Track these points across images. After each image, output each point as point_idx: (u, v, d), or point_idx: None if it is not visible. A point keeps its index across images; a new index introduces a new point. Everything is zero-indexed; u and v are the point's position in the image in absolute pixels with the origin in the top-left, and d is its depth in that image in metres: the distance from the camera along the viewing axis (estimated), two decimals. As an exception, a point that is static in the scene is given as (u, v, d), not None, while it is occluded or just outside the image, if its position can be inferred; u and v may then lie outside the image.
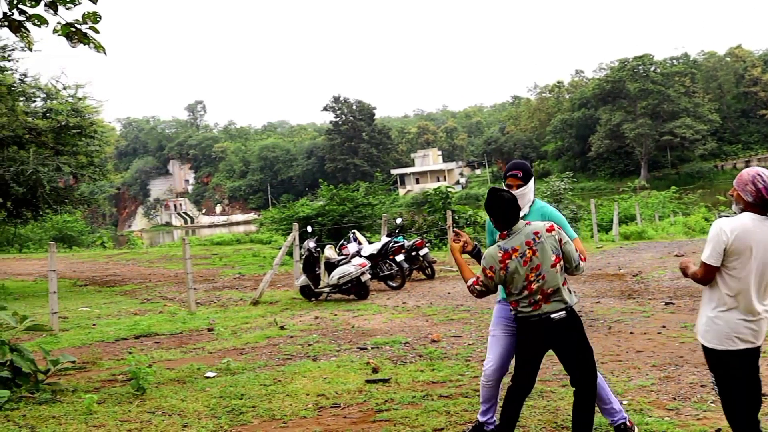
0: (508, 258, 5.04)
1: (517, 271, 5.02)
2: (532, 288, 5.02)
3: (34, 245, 46.02)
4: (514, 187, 5.57)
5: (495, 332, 5.74)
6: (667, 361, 7.81)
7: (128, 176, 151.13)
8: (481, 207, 70.22)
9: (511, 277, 5.04)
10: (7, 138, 20.63)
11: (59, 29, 8.47)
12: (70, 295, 18.99)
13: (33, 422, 6.63)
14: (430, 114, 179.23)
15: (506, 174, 5.68)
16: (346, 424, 6.31)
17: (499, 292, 5.73)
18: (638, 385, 6.94)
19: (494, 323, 5.77)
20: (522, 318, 5.15)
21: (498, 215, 5.11)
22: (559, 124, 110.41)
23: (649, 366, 7.67)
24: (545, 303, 5.04)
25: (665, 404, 6.29)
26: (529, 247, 5.04)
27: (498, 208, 5.10)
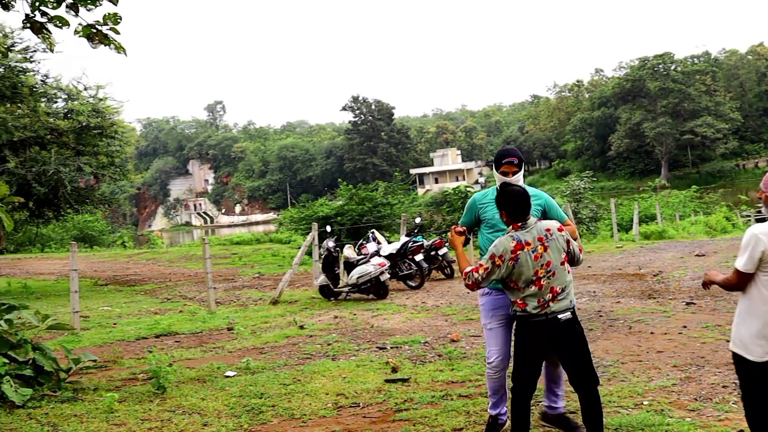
0: (520, 249, 5.04)
1: (527, 264, 5.02)
2: (541, 284, 5.03)
3: (55, 245, 46.33)
4: (509, 174, 5.58)
5: (491, 325, 5.70)
6: (688, 362, 7.75)
7: (148, 176, 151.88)
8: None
9: (519, 270, 5.03)
10: (30, 138, 20.78)
11: (80, 30, 8.52)
12: (91, 295, 19.10)
13: (55, 420, 6.68)
14: (449, 113, 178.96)
15: (501, 161, 5.64)
16: (366, 424, 6.32)
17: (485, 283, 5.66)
18: (659, 385, 6.90)
19: (487, 316, 5.73)
20: (526, 317, 5.11)
21: (511, 209, 5.13)
22: (579, 123, 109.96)
23: (670, 366, 7.61)
24: (553, 302, 5.05)
25: (686, 405, 6.25)
26: (541, 243, 5.07)
27: (512, 203, 5.13)
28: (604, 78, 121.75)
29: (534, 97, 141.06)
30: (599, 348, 8.71)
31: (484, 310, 5.79)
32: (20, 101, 20.62)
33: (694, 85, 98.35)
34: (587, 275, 16.51)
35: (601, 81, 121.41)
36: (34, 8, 8.46)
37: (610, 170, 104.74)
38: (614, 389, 6.82)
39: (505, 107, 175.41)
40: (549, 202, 5.89)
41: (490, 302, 5.74)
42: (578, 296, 13.37)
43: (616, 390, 6.79)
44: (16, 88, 19.98)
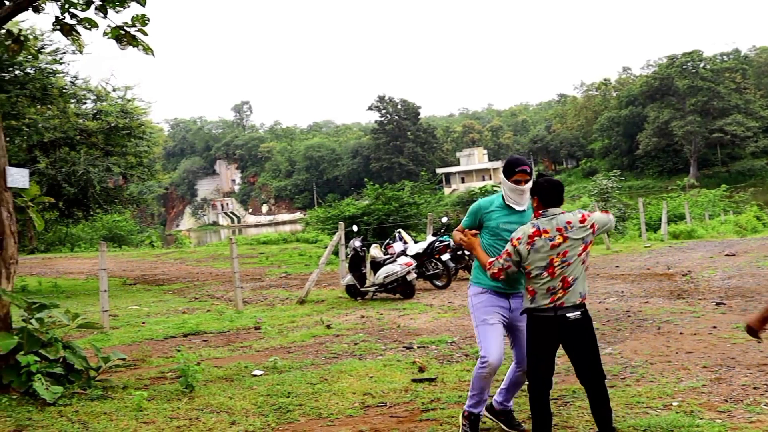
0: (538, 235, 5.10)
1: (542, 251, 5.07)
2: (554, 272, 5.06)
3: (85, 244, 46.73)
4: (522, 183, 5.57)
5: (491, 320, 5.62)
6: (719, 363, 7.67)
7: (176, 176, 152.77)
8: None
9: (534, 254, 5.08)
10: (59, 139, 21.00)
11: (109, 32, 8.61)
12: (120, 294, 19.25)
13: (85, 418, 6.74)
14: (475, 113, 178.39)
15: (515, 169, 5.60)
16: (393, 423, 6.32)
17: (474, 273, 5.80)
18: (688, 386, 6.84)
19: (484, 312, 5.65)
20: (534, 314, 5.17)
21: (546, 195, 5.20)
22: (606, 122, 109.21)
23: (700, 367, 7.54)
24: (563, 293, 5.06)
25: (716, 406, 6.18)
26: (560, 234, 5.10)
27: (548, 189, 5.20)
28: (632, 76, 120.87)
29: (561, 96, 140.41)
30: (627, 348, 8.66)
31: (481, 306, 5.68)
32: (50, 102, 20.84)
33: (723, 82, 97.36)
34: (615, 275, 16.42)
35: (629, 79, 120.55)
36: (64, 10, 8.55)
37: (638, 169, 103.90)
38: (643, 390, 6.78)
39: (531, 106, 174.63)
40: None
41: (488, 299, 5.68)
42: (606, 296, 13.30)
43: (645, 390, 6.74)
44: (46, 89, 20.19)
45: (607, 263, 19.21)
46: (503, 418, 5.97)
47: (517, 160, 5.69)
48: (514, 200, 5.63)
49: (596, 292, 13.93)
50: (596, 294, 13.61)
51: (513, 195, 5.61)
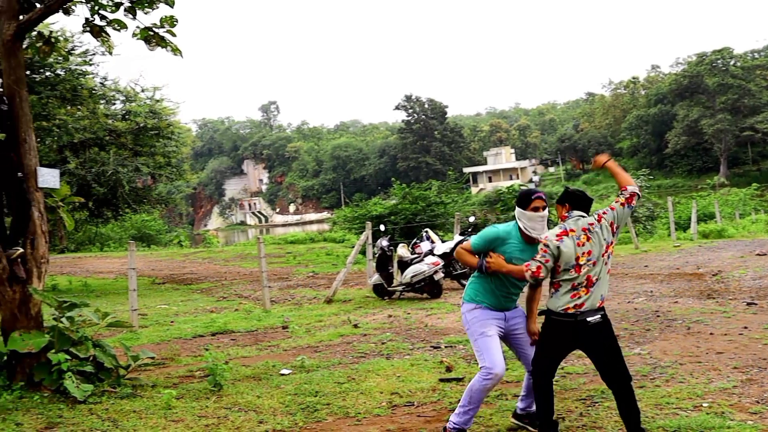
0: (565, 234, 5.24)
1: (570, 248, 5.18)
2: (581, 270, 5.17)
3: (114, 244, 47.09)
4: (541, 209, 5.61)
5: (489, 332, 5.63)
6: (750, 363, 7.59)
7: (204, 176, 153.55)
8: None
9: (564, 250, 5.18)
10: (89, 140, 21.20)
11: (138, 33, 8.67)
12: (148, 293, 19.38)
13: (115, 416, 6.79)
14: (502, 112, 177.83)
15: (531, 197, 5.65)
16: (420, 423, 6.31)
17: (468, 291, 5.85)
18: (719, 387, 6.77)
19: (481, 325, 5.66)
20: (553, 317, 5.25)
21: (577, 202, 5.38)
22: (635, 120, 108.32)
23: (731, 368, 7.47)
24: (586, 293, 5.15)
25: (748, 408, 6.12)
26: (585, 233, 5.23)
27: (578, 197, 5.41)
28: (661, 74, 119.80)
29: (589, 95, 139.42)
30: (657, 348, 8.59)
31: (476, 320, 5.70)
32: (80, 103, 21.04)
33: (754, 80, 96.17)
34: (644, 275, 16.29)
35: (658, 77, 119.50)
36: (94, 12, 8.63)
37: (667, 168, 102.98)
38: (673, 390, 6.72)
39: (559, 105, 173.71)
40: None
41: (482, 313, 5.72)
42: (635, 295, 13.20)
43: (675, 391, 6.69)
44: (76, 90, 20.39)
45: (635, 263, 19.08)
46: (528, 420, 5.95)
47: (529, 190, 5.78)
48: (533, 228, 5.62)
49: (625, 291, 13.83)
50: (625, 294, 13.51)
51: (532, 224, 5.61)
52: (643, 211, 33.21)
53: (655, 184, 69.87)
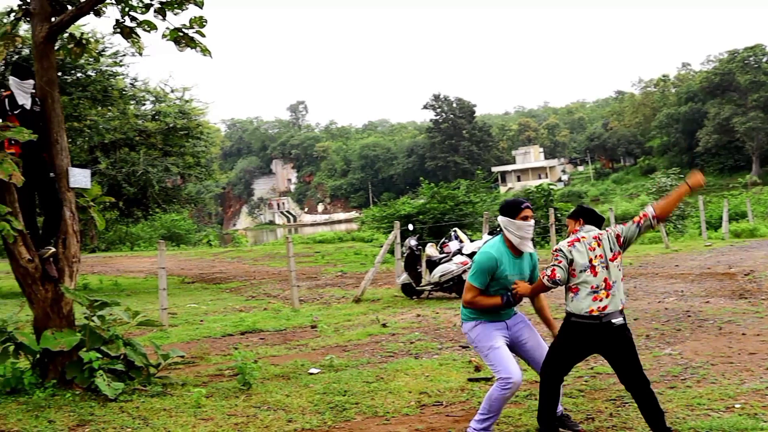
0: (577, 241, 5.36)
1: (582, 252, 5.30)
2: (596, 272, 5.24)
3: (144, 243, 47.45)
4: (529, 218, 5.66)
5: (497, 343, 5.62)
6: (783, 364, 7.51)
7: (233, 176, 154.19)
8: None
9: (577, 254, 5.28)
10: (119, 140, 21.38)
11: (167, 34, 8.73)
12: (178, 292, 19.50)
13: (145, 414, 6.84)
14: (531, 110, 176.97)
15: (521, 207, 5.68)
16: (449, 423, 6.30)
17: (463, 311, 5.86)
18: (751, 388, 6.69)
19: (488, 339, 5.65)
20: (574, 320, 5.28)
21: (592, 217, 5.52)
22: (665, 119, 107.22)
23: (763, 369, 7.38)
24: (607, 296, 5.21)
25: (781, 408, 6.05)
26: (596, 240, 5.36)
27: (592, 214, 5.54)
28: (692, 72, 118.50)
29: (618, 93, 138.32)
30: (688, 349, 8.52)
31: (482, 335, 5.70)
32: (110, 104, 21.23)
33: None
34: (675, 274, 16.16)
35: (688, 75, 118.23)
36: (124, 14, 8.69)
37: (698, 167, 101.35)
38: (704, 391, 6.66)
39: (588, 103, 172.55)
40: (536, 263, 5.97)
41: (484, 328, 5.72)
42: (665, 295, 13.10)
43: (706, 392, 6.62)
44: (106, 91, 20.56)
45: (666, 262, 18.92)
46: (557, 423, 5.91)
47: (517, 200, 5.82)
48: (521, 238, 5.67)
49: (655, 291, 13.73)
50: (655, 293, 13.41)
51: (521, 233, 5.66)
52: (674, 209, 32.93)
53: (686, 183, 69.07)
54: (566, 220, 5.79)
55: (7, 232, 7.32)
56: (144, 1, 8.61)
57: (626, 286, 14.64)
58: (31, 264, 7.65)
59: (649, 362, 7.91)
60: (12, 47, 8.87)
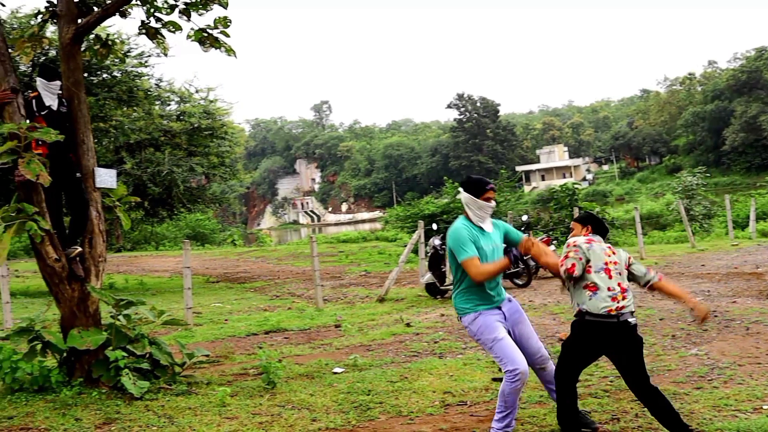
0: (593, 241, 5.47)
1: (599, 253, 5.40)
2: (611, 274, 5.32)
3: (169, 243, 47.74)
4: (491, 200, 5.78)
5: (500, 334, 5.61)
6: (811, 365, 7.42)
7: (257, 176, 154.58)
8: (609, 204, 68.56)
9: (593, 254, 5.38)
10: (145, 140, 21.53)
11: (192, 35, 8.78)
12: (203, 291, 19.61)
13: (171, 412, 6.88)
14: (555, 109, 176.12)
15: (485, 187, 5.79)
16: (473, 422, 6.29)
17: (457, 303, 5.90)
18: (779, 389, 6.63)
19: (490, 331, 5.63)
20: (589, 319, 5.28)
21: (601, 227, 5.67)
22: (691, 117, 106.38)
23: (791, 369, 7.31)
24: (623, 298, 5.26)
25: (809, 410, 5.98)
26: (609, 248, 5.50)
27: (600, 223, 5.69)
28: (718, 70, 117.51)
29: (643, 92, 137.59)
30: (714, 349, 8.44)
31: (484, 328, 5.67)
32: (136, 105, 21.39)
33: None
34: (701, 274, 16.02)
35: (715, 73, 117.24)
36: (149, 15, 8.75)
37: (724, 165, 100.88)
38: (731, 392, 6.59)
39: (613, 102, 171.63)
40: (506, 227, 6.06)
41: (485, 319, 5.70)
42: (691, 295, 12.97)
43: (733, 393, 6.56)
44: (132, 92, 20.72)
45: (692, 262, 18.78)
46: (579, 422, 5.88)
47: (483, 179, 5.91)
48: (481, 218, 5.80)
49: (681, 291, 13.60)
50: (681, 293, 13.28)
51: (481, 213, 5.80)
52: (700, 209, 32.69)
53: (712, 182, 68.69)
54: (572, 223, 5.82)
55: (35, 231, 7.39)
56: (169, 2, 8.67)
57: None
58: (58, 263, 7.72)
59: (675, 362, 7.86)
60: (39, 49, 8.95)
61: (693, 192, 33.87)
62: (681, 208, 25.45)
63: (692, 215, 30.50)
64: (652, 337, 9.37)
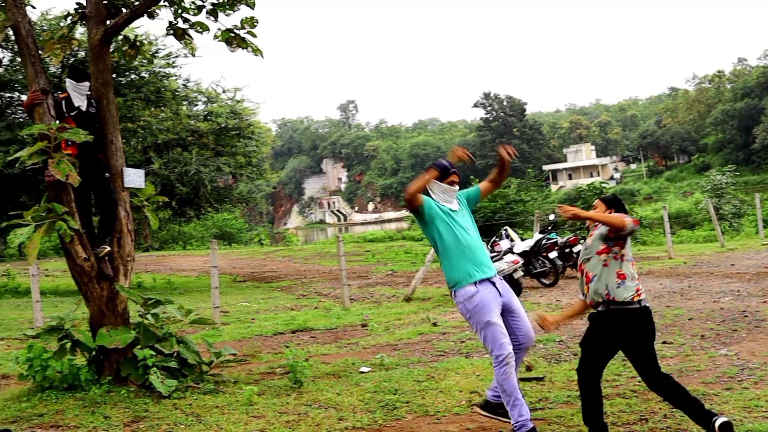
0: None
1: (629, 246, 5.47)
2: (633, 262, 5.45)
3: (196, 242, 47.99)
4: (455, 184, 6.05)
5: (494, 318, 5.68)
6: (843, 365, 7.32)
7: (284, 175, 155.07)
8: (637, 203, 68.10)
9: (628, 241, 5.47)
10: (172, 140, 21.68)
11: (219, 35, 8.83)
12: (230, 291, 19.70)
13: (198, 411, 6.92)
14: (582, 108, 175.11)
15: (449, 172, 6.07)
16: (499, 422, 6.26)
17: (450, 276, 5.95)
18: (811, 389, 6.54)
19: (485, 313, 5.68)
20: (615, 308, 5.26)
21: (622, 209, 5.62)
22: (720, 115, 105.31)
23: (823, 370, 7.21)
24: (640, 284, 5.38)
25: (841, 411, 5.90)
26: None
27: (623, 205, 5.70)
28: (748, 67, 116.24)
29: (672, 90, 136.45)
30: (744, 349, 8.35)
31: (480, 308, 5.71)
32: (164, 105, 21.55)
33: None
34: (730, 273, 15.86)
35: (745, 71, 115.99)
36: (177, 15, 8.81)
37: (754, 164, 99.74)
38: (762, 393, 6.52)
39: (641, 101, 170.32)
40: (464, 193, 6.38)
41: (482, 298, 5.72)
42: (721, 295, 12.87)
43: (764, 394, 6.48)
44: (159, 92, 20.88)
45: (721, 261, 18.59)
46: (503, 410, 5.92)
47: (448, 163, 6.12)
48: (446, 201, 6.03)
49: (710, 290, 13.49)
50: (710, 293, 13.18)
51: (445, 196, 6.05)
52: (729, 208, 32.37)
53: (742, 181, 67.96)
54: (597, 201, 5.77)
55: (65, 231, 7.46)
56: (196, 2, 8.72)
57: (680, 285, 14.47)
58: (87, 263, 7.79)
59: (704, 363, 7.78)
60: (69, 50, 9.04)
61: (722, 191, 33.56)
62: (710, 207, 25.22)
63: (721, 214, 30.21)
64: (680, 338, 9.29)
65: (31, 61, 7.87)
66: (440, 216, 5.94)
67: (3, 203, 19.94)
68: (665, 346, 8.82)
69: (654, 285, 14.73)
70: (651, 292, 13.58)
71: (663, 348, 8.68)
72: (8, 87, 20.26)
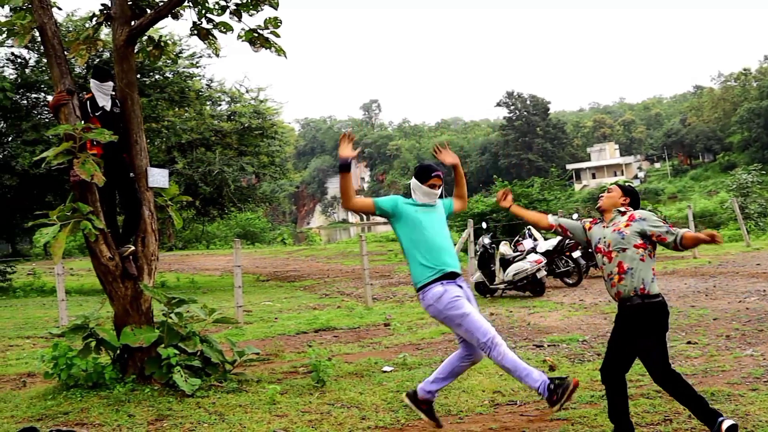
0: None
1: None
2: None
3: (219, 242, 48.22)
4: (437, 187, 6.08)
5: (467, 308, 5.62)
6: None
7: (306, 175, 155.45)
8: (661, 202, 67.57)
9: None
10: (196, 140, 21.78)
11: (243, 35, 8.86)
12: (253, 290, 19.77)
13: (221, 410, 6.95)
14: (606, 107, 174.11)
15: (431, 174, 6.09)
16: (523, 422, 6.25)
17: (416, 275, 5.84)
18: (837, 390, 6.48)
19: (456, 307, 5.61)
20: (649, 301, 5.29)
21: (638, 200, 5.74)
22: (746, 113, 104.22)
23: None
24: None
25: None
26: None
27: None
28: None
29: (697, 88, 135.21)
30: (770, 350, 8.28)
31: (450, 304, 5.63)
32: (187, 105, 21.65)
33: None
34: (756, 273, 15.73)
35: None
36: (201, 16, 8.85)
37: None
38: (788, 394, 6.46)
39: (665, 99, 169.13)
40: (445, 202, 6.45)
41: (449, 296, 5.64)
42: (746, 294, 12.76)
43: (790, 395, 6.42)
44: (183, 92, 20.99)
45: (747, 261, 18.44)
46: (426, 407, 5.95)
47: (430, 166, 6.20)
48: (425, 203, 6.05)
49: (736, 290, 13.38)
50: (736, 293, 13.07)
51: (426, 198, 6.08)
52: (755, 207, 32.05)
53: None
54: (613, 185, 5.83)
55: (89, 230, 7.52)
56: (220, 3, 8.76)
57: (705, 285, 14.35)
58: (112, 262, 7.85)
59: (729, 363, 7.72)
60: (94, 51, 9.09)
61: (748, 190, 33.24)
62: (735, 206, 25.01)
63: (747, 213, 29.93)
64: (705, 338, 9.22)
65: (56, 62, 7.94)
66: (408, 215, 5.94)
67: (29, 203, 20.13)
68: (690, 346, 8.76)
69: (679, 285, 14.63)
70: (675, 292, 13.49)
71: (688, 348, 8.63)
72: (34, 88, 20.44)
